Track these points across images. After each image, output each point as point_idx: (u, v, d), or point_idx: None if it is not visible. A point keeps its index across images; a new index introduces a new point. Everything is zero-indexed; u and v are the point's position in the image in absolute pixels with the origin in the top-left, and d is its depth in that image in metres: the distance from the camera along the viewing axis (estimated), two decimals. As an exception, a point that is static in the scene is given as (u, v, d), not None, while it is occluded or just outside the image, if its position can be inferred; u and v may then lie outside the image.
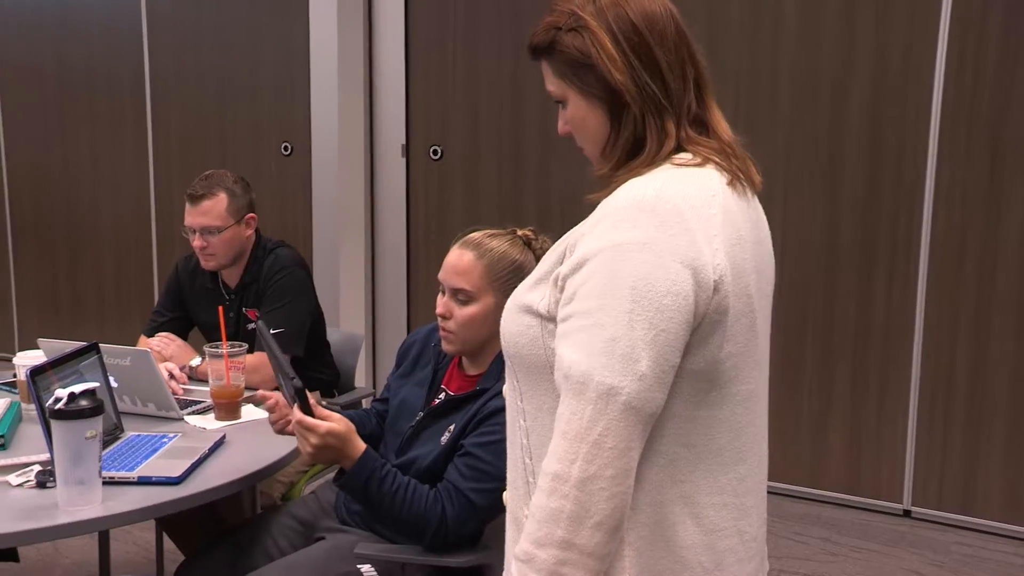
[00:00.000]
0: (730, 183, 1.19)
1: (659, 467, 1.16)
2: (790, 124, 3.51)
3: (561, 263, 1.18)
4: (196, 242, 2.56)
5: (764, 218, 1.28)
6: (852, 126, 3.42)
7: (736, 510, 1.22)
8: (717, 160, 1.19)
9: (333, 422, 1.70)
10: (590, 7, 1.17)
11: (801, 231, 3.52)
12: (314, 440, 1.68)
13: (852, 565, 3.14)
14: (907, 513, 3.48)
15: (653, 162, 1.18)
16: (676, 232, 1.10)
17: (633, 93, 1.16)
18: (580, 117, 1.21)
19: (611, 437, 1.08)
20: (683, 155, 1.19)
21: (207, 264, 2.60)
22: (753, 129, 3.54)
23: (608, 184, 1.19)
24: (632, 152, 1.19)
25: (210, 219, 2.54)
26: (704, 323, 1.12)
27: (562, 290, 1.16)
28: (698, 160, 1.19)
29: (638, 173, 1.17)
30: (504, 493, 1.31)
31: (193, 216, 2.55)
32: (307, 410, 1.70)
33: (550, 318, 1.18)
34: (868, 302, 3.47)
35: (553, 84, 1.22)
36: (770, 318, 1.28)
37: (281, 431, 1.94)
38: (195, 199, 2.55)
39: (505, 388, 1.31)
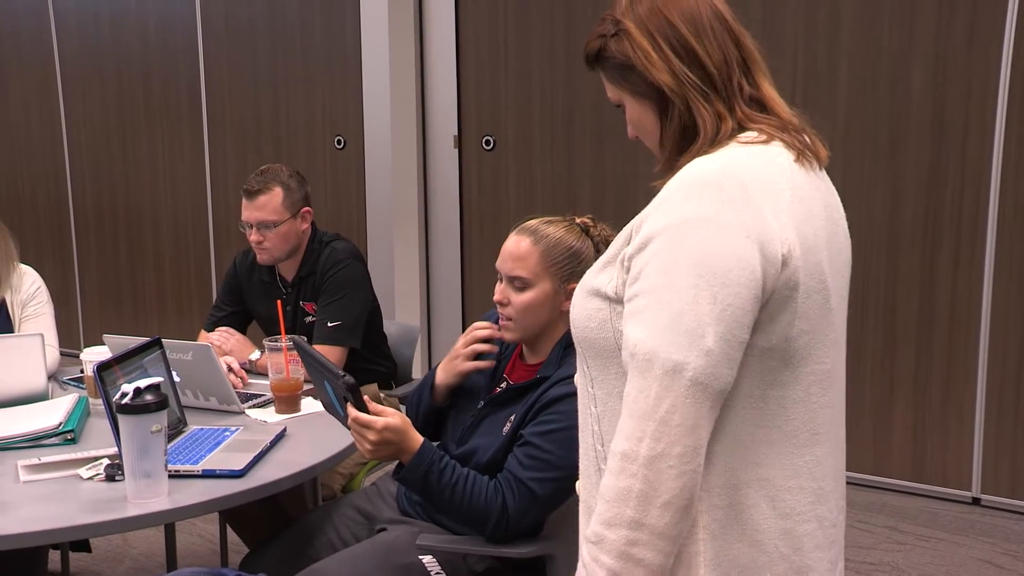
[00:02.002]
0: (797, 159, 1.18)
1: (732, 449, 1.14)
2: (849, 100, 3.42)
3: (628, 244, 1.18)
4: (252, 236, 2.58)
5: (836, 195, 1.27)
6: (914, 102, 3.33)
7: (813, 494, 1.19)
8: (782, 137, 1.19)
9: (389, 416, 1.70)
10: (629, 11, 1.21)
11: (862, 211, 3.44)
12: (372, 436, 1.68)
13: (920, 554, 3.07)
14: (976, 501, 3.39)
15: (715, 143, 1.17)
16: (741, 206, 1.10)
17: (673, 86, 1.17)
18: (636, 118, 1.24)
19: (678, 414, 1.08)
20: (748, 134, 1.19)
21: (262, 259, 2.62)
22: (811, 106, 3.44)
23: (671, 170, 1.19)
24: (686, 140, 1.19)
25: (265, 214, 2.56)
26: (774, 298, 1.11)
27: (628, 271, 1.15)
28: (763, 138, 1.18)
29: (702, 154, 1.17)
30: (577, 483, 1.29)
31: (249, 211, 2.58)
32: (361, 407, 1.69)
33: (618, 300, 1.17)
34: (932, 284, 3.38)
35: (610, 91, 1.26)
36: (846, 297, 1.26)
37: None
38: (251, 194, 2.58)
39: (576, 377, 1.30)
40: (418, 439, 1.74)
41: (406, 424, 1.72)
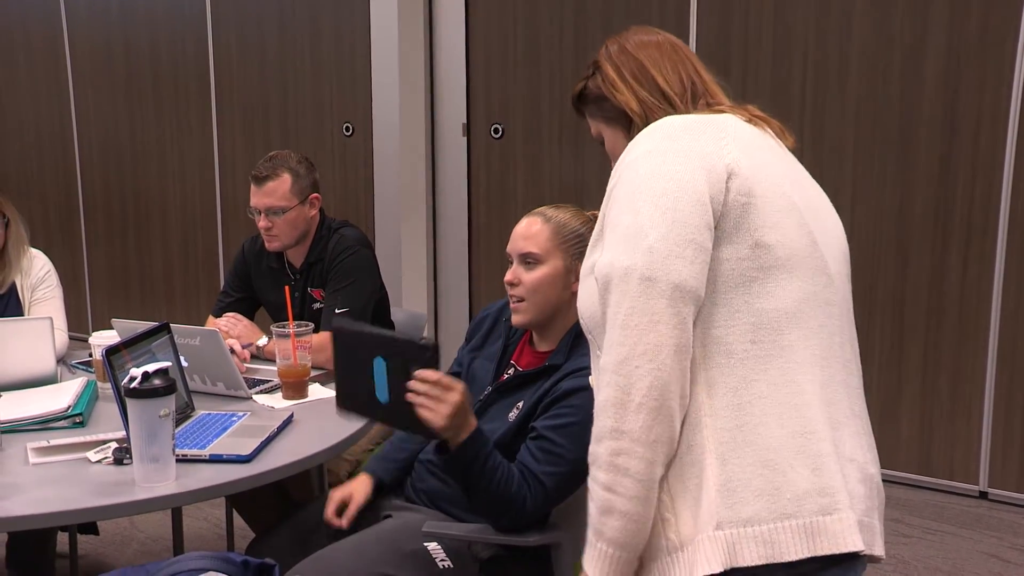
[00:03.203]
0: (748, 122, 1.30)
1: (730, 368, 1.17)
2: (860, 92, 3.40)
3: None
4: (261, 223, 2.58)
5: (806, 171, 1.35)
6: (926, 94, 3.31)
7: (824, 416, 1.19)
8: (734, 112, 1.32)
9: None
10: (604, 52, 1.39)
11: (872, 204, 3.43)
12: (455, 398, 1.58)
13: (926, 548, 3.06)
14: (983, 495, 3.39)
15: None
16: (679, 137, 1.23)
17: (635, 107, 1.33)
18: (612, 144, 1.38)
19: (635, 314, 1.14)
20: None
21: (271, 245, 2.62)
22: (821, 97, 3.44)
23: None
24: None
25: (274, 199, 2.56)
26: (732, 207, 1.19)
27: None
28: (714, 111, 1.31)
29: None
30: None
31: (258, 197, 2.58)
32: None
33: None
34: (942, 277, 3.37)
35: (592, 127, 1.42)
36: (836, 244, 1.30)
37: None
38: (260, 180, 2.58)
39: (591, 378, 1.31)
40: (475, 420, 1.67)
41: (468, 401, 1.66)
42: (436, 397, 1.58)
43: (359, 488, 1.98)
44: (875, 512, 1.24)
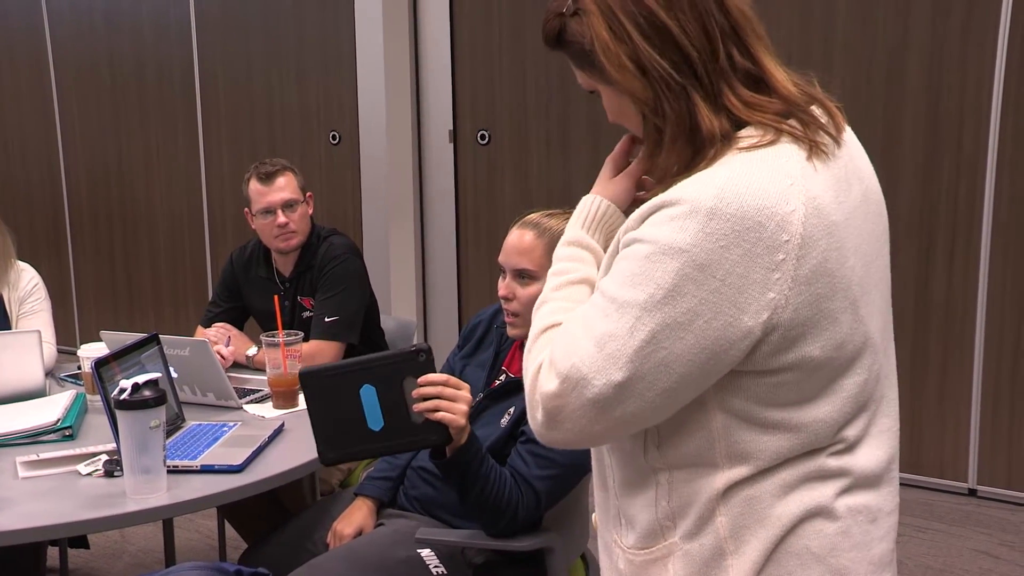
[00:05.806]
0: (810, 156, 1.00)
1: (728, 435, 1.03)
2: (844, 92, 3.39)
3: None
4: (279, 220, 2.58)
5: (862, 162, 1.12)
6: (909, 93, 3.33)
7: (840, 480, 1.11)
8: (791, 129, 1.01)
9: None
10: None
11: (857, 206, 3.44)
12: (467, 394, 1.58)
13: (917, 545, 3.08)
14: (972, 492, 3.41)
15: (709, 155, 0.99)
16: (724, 253, 0.94)
17: (639, 91, 0.99)
18: (616, 108, 1.06)
19: (569, 422, 0.99)
20: (748, 132, 1.00)
21: (291, 243, 2.62)
22: (806, 103, 3.46)
23: (660, 183, 1.03)
24: (664, 151, 1.02)
25: (289, 192, 2.60)
26: (767, 343, 0.97)
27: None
28: (769, 137, 1.00)
29: (697, 169, 0.99)
30: (593, 515, 1.24)
31: (272, 193, 2.59)
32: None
33: None
34: (927, 278, 3.39)
35: (579, 76, 1.07)
36: (884, 271, 1.13)
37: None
38: (269, 177, 2.60)
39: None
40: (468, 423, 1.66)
41: None
42: (451, 396, 1.56)
43: (366, 522, 1.97)
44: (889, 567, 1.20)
